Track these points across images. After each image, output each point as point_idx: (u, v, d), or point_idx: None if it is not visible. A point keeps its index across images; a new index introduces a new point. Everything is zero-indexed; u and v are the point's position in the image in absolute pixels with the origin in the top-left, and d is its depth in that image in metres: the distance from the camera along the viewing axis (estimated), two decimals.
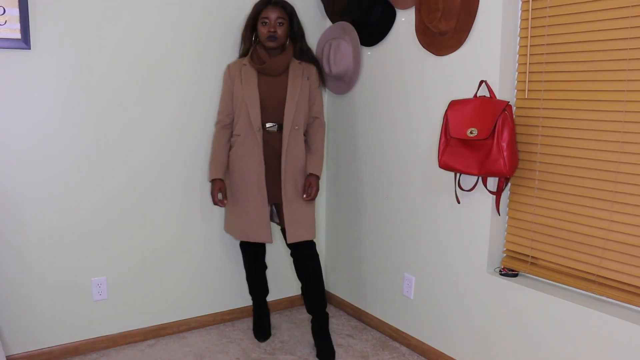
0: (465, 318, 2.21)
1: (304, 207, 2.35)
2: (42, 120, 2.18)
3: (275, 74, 2.32)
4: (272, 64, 2.30)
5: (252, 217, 2.33)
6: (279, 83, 2.32)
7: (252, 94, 2.30)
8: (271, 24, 2.26)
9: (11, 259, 2.19)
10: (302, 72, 2.35)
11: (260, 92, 2.31)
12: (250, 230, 2.35)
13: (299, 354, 2.45)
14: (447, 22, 2.08)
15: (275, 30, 2.26)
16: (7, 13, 2.02)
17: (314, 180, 2.35)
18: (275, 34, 2.26)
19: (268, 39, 2.27)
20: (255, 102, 2.30)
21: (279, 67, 2.31)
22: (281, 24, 2.28)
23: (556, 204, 1.90)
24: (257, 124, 2.29)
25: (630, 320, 1.64)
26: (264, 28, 2.27)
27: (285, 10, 2.29)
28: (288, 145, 2.31)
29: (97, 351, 2.42)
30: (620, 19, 1.66)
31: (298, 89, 2.31)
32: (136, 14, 2.31)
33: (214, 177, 2.36)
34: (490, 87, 1.99)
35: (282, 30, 2.28)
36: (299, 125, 2.33)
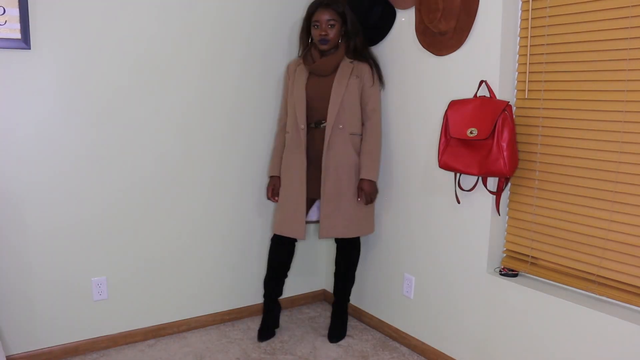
0: (465, 318, 2.21)
1: (344, 205, 2.36)
2: (42, 120, 2.17)
3: (324, 74, 2.35)
4: (321, 64, 2.34)
5: (289, 212, 2.39)
6: (327, 83, 2.34)
7: (300, 93, 2.36)
8: (322, 27, 2.28)
9: (11, 258, 2.19)
10: (351, 71, 2.32)
11: (309, 91, 2.36)
12: (284, 224, 2.40)
13: (299, 353, 2.45)
14: (447, 22, 2.08)
15: (327, 33, 2.28)
16: (7, 13, 2.02)
17: (366, 184, 2.35)
18: (327, 37, 2.29)
19: (320, 43, 2.31)
20: (302, 101, 2.35)
21: (327, 68, 2.33)
22: (332, 25, 2.29)
23: (556, 204, 1.90)
24: (301, 123, 2.35)
25: (630, 320, 1.64)
26: (316, 31, 2.31)
27: (336, 11, 2.29)
28: (329, 143, 2.32)
29: (97, 351, 2.42)
30: (620, 19, 1.66)
31: (343, 88, 2.31)
32: (137, 13, 2.31)
33: (271, 174, 2.52)
34: (490, 87, 1.99)
35: (333, 32, 2.29)
36: (343, 124, 2.32)
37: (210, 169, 2.60)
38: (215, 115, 2.57)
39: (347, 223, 2.38)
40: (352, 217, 2.38)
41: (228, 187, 2.66)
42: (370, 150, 2.37)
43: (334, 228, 2.37)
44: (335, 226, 2.37)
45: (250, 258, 2.79)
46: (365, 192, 2.35)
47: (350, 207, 2.37)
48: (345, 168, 2.35)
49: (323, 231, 2.36)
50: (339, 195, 2.36)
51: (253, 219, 2.76)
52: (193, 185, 2.57)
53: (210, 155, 2.59)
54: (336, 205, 2.36)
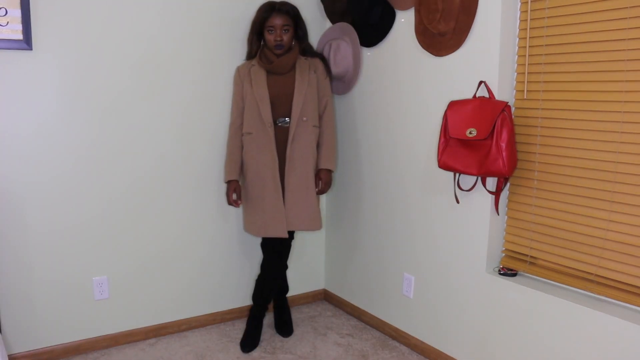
0: (464, 317, 2.22)
1: (311, 197, 2.39)
2: (44, 120, 2.18)
3: (283, 72, 2.38)
4: (280, 63, 2.35)
5: (269, 212, 2.36)
6: (287, 80, 2.38)
7: (262, 92, 2.35)
8: (277, 33, 2.31)
9: (13, 258, 2.20)
10: (308, 67, 2.41)
11: (270, 90, 2.36)
12: (268, 226, 2.37)
13: (299, 353, 2.46)
14: (447, 23, 2.09)
15: (282, 38, 2.31)
16: (9, 14, 2.03)
17: (324, 174, 2.44)
18: (282, 42, 2.32)
19: (276, 48, 2.33)
20: (266, 99, 2.35)
21: (286, 66, 2.37)
22: (287, 30, 2.33)
23: (555, 203, 1.91)
24: (268, 120, 2.34)
25: (629, 320, 1.65)
26: (271, 36, 2.33)
27: (289, 15, 2.33)
28: (294, 137, 2.35)
29: (98, 350, 2.43)
30: (619, 19, 1.67)
31: (306, 84, 2.38)
32: (139, 14, 2.32)
33: (230, 179, 2.42)
34: (489, 88, 2.00)
35: (287, 36, 2.34)
36: (307, 117, 2.37)
37: (211, 168, 2.61)
38: (213, 116, 2.58)
39: (314, 216, 2.40)
40: (316, 210, 2.42)
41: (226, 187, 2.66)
42: (328, 140, 2.45)
43: (301, 221, 2.38)
44: (301, 219, 2.38)
45: (251, 258, 2.80)
46: (323, 182, 2.43)
47: (315, 200, 2.42)
48: (310, 160, 2.40)
49: (290, 224, 2.36)
50: (306, 188, 2.38)
51: None
52: (194, 184, 2.57)
53: (211, 155, 2.60)
54: (302, 197, 2.38)
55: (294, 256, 2.93)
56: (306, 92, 2.37)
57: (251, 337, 2.50)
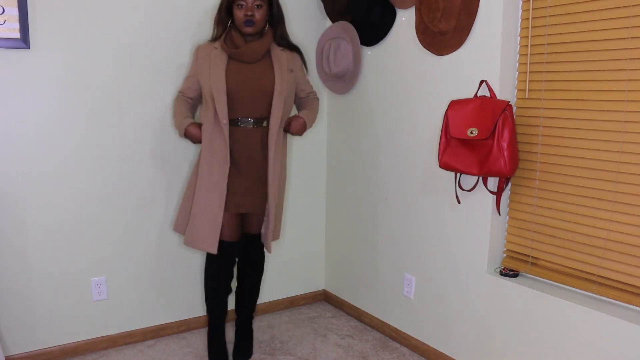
0: (465, 318, 2.21)
1: (279, 213, 2.28)
2: (41, 119, 2.17)
3: (250, 60, 2.09)
4: (248, 49, 2.07)
5: (204, 223, 2.09)
6: (255, 71, 2.09)
7: (219, 83, 2.04)
8: (248, 7, 2.04)
9: (11, 259, 2.18)
10: (287, 63, 2.15)
11: (231, 80, 2.07)
12: (195, 237, 2.12)
13: (299, 354, 2.45)
14: (448, 22, 2.08)
15: (253, 14, 2.04)
16: (6, 12, 2.01)
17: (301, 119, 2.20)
18: (253, 18, 2.04)
19: (245, 24, 2.05)
20: (222, 92, 2.04)
21: (255, 53, 2.08)
22: (259, 6, 2.06)
23: (557, 204, 1.90)
24: (224, 117, 2.04)
25: (631, 321, 1.64)
26: (240, 11, 2.05)
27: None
28: (276, 146, 2.12)
29: (96, 351, 2.41)
30: (621, 18, 1.66)
31: (285, 83, 2.11)
32: (136, 13, 2.30)
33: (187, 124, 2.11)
34: (490, 87, 1.99)
35: (260, 14, 2.06)
36: (281, 124, 2.16)
37: None
38: None
39: (278, 226, 2.28)
40: (278, 219, 2.28)
41: None
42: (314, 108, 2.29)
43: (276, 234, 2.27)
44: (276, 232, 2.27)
45: None
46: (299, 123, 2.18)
47: (280, 214, 2.30)
48: (281, 174, 2.22)
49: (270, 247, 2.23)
50: (277, 206, 2.23)
51: None
52: None
53: None
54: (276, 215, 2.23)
55: (295, 256, 2.92)
56: (286, 94, 2.12)
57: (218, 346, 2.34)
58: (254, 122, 2.11)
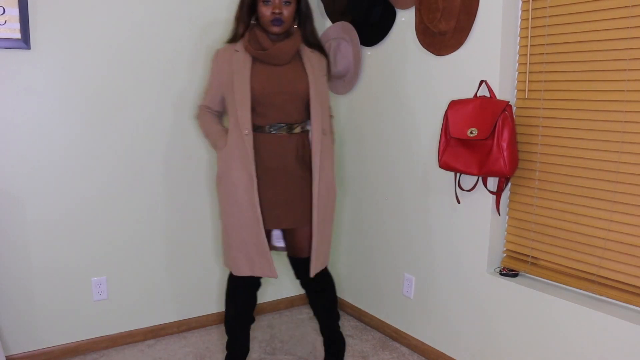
0: (465, 318, 2.21)
1: (327, 230, 1.99)
2: (42, 119, 2.17)
3: (279, 63, 1.90)
4: (277, 50, 1.87)
5: (251, 245, 1.89)
6: (286, 74, 1.90)
7: (243, 88, 1.85)
8: (275, 4, 1.83)
9: (11, 258, 2.19)
10: (319, 65, 1.98)
11: (258, 84, 1.88)
12: (253, 263, 1.91)
13: (299, 354, 2.45)
14: (447, 22, 2.08)
15: (281, 12, 1.83)
16: (7, 13, 2.02)
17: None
18: (282, 17, 1.83)
19: (273, 23, 1.84)
20: (246, 99, 1.85)
21: (285, 55, 1.89)
22: (288, 3, 1.85)
23: (556, 204, 1.90)
24: (246, 129, 1.84)
25: (630, 320, 1.64)
26: (267, 9, 1.83)
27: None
28: (321, 154, 1.91)
29: (97, 351, 2.42)
30: (620, 18, 1.66)
31: (320, 85, 1.94)
32: (137, 14, 2.31)
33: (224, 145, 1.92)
34: (490, 87, 1.99)
35: (288, 11, 1.85)
36: (326, 130, 1.94)
37: (211, 168, 2.60)
38: None
39: (327, 249, 2.02)
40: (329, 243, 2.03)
41: None
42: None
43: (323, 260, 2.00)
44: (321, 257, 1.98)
45: None
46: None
47: (329, 232, 2.00)
48: (331, 185, 1.99)
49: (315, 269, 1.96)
50: (324, 221, 1.97)
51: None
52: (194, 184, 2.56)
53: (210, 157, 2.59)
54: (322, 232, 1.96)
55: None
56: (322, 96, 1.93)
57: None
58: (287, 128, 1.92)
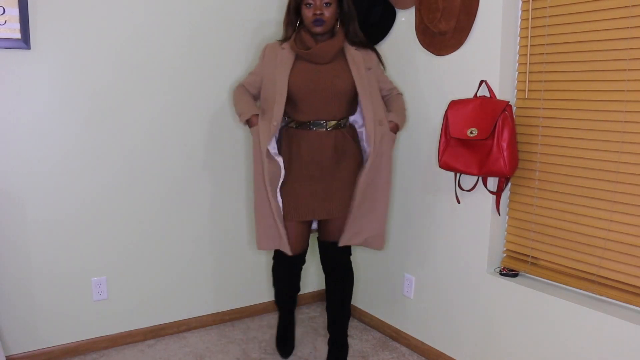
0: (465, 318, 2.21)
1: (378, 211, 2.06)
2: (41, 119, 2.17)
3: (321, 61, 2.00)
4: (321, 49, 1.97)
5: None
6: (328, 72, 2.00)
7: (282, 84, 1.97)
8: (317, 6, 1.94)
9: (11, 258, 2.19)
10: (363, 62, 2.04)
11: (299, 81, 1.99)
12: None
13: (299, 354, 2.45)
14: (447, 22, 2.08)
15: (322, 12, 1.94)
16: (6, 13, 2.02)
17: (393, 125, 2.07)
18: (322, 17, 1.94)
19: (314, 24, 1.95)
20: (283, 94, 1.97)
21: (326, 54, 1.99)
22: (328, 4, 1.95)
23: (556, 204, 1.90)
24: (275, 120, 1.97)
25: (630, 320, 1.64)
26: (309, 11, 1.95)
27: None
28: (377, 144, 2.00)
29: (97, 351, 2.42)
30: (620, 19, 1.66)
31: (366, 82, 2.02)
32: (137, 13, 2.31)
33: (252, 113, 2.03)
34: (490, 87, 1.99)
35: (329, 12, 1.96)
36: (382, 119, 2.03)
37: (209, 168, 2.60)
38: (212, 113, 2.57)
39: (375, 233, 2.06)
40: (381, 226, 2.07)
41: (227, 188, 2.65)
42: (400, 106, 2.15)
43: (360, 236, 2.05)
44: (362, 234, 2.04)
45: (250, 257, 2.79)
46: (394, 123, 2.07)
47: (381, 215, 2.05)
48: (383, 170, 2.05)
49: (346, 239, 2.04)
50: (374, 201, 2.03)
51: (252, 219, 2.76)
52: (194, 185, 2.56)
53: (210, 155, 2.59)
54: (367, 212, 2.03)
55: None
56: (370, 91, 2.02)
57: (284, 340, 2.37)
58: (326, 124, 2.02)
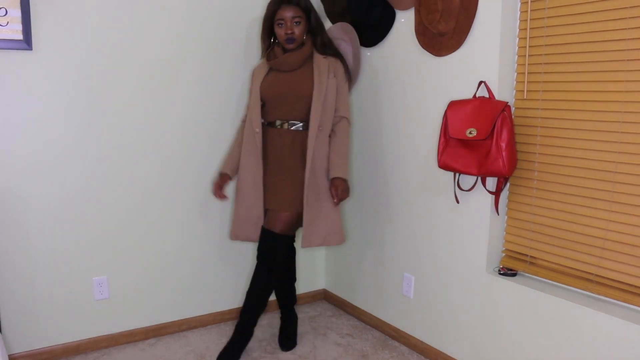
0: (464, 317, 2.22)
1: (325, 211, 2.24)
2: (44, 121, 2.18)
3: (287, 69, 2.24)
4: (286, 59, 2.23)
5: (242, 215, 2.30)
6: (296, 79, 2.22)
7: (255, 92, 2.26)
8: (287, 25, 2.19)
9: (12, 258, 2.20)
10: (327, 68, 2.23)
11: (267, 87, 2.24)
12: (239, 229, 2.32)
13: (298, 353, 2.46)
14: (446, 23, 2.09)
15: (293, 31, 2.19)
16: (9, 14, 2.03)
17: (340, 182, 2.22)
18: (293, 35, 2.19)
19: (286, 42, 2.21)
20: (257, 101, 2.24)
21: (292, 62, 2.23)
22: (298, 23, 2.20)
23: (555, 203, 1.91)
24: (257, 127, 2.24)
25: (629, 320, 1.65)
26: (281, 30, 2.21)
27: (299, 7, 2.20)
28: (315, 147, 2.20)
29: (98, 350, 2.43)
30: (620, 19, 1.67)
31: (324, 87, 2.20)
32: (138, 14, 2.31)
33: (221, 171, 2.41)
34: (489, 88, 2.00)
35: (299, 29, 2.20)
36: (323, 126, 2.22)
37: (211, 169, 2.61)
38: (214, 117, 2.58)
39: (330, 231, 2.25)
40: (334, 224, 2.26)
41: (229, 187, 2.66)
42: (344, 149, 2.26)
43: (317, 237, 2.23)
44: (318, 234, 2.23)
45: (250, 257, 2.80)
46: (341, 189, 2.20)
47: (330, 214, 2.25)
48: (323, 172, 2.24)
49: (306, 241, 2.21)
50: (318, 202, 2.23)
51: None
52: (193, 185, 2.57)
53: (209, 156, 2.60)
54: (316, 213, 2.22)
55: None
56: (325, 97, 2.20)
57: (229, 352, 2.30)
58: (288, 124, 2.24)
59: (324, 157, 2.24)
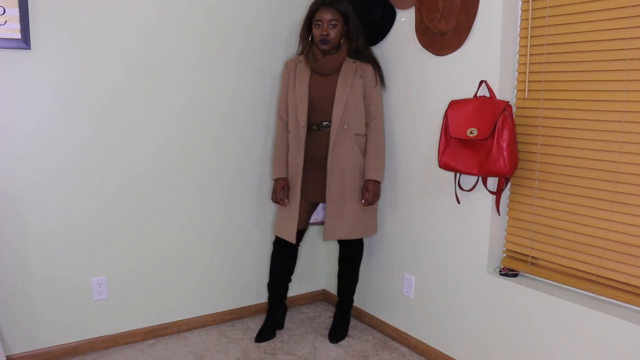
0: (465, 318, 2.21)
1: (349, 206, 2.35)
2: (42, 120, 2.18)
3: (326, 73, 2.33)
4: (324, 63, 2.31)
5: (284, 213, 2.42)
6: (331, 82, 2.32)
7: (302, 92, 2.33)
8: (324, 27, 2.26)
9: (11, 258, 2.19)
10: (354, 71, 2.31)
11: (311, 90, 2.33)
12: (279, 226, 2.44)
13: (299, 353, 2.45)
14: (447, 22, 2.08)
15: (328, 33, 2.26)
16: (7, 13, 2.02)
17: (371, 185, 2.33)
18: (328, 37, 2.27)
19: (321, 42, 2.28)
20: (304, 101, 2.32)
21: (330, 67, 2.32)
22: (334, 25, 2.27)
23: (556, 204, 1.90)
24: (302, 122, 2.32)
25: (630, 320, 1.64)
26: (317, 30, 2.28)
27: (338, 11, 2.27)
28: (334, 144, 2.30)
29: (97, 351, 2.42)
30: (620, 19, 1.66)
31: (348, 88, 2.29)
32: (137, 13, 2.31)
33: (277, 177, 2.42)
34: (490, 87, 1.99)
35: (334, 32, 2.28)
36: (348, 125, 2.30)
37: (209, 169, 2.60)
38: (213, 115, 2.57)
39: (352, 224, 2.36)
40: (357, 219, 2.37)
41: (227, 187, 2.66)
42: (376, 150, 2.36)
43: (339, 230, 2.35)
44: (339, 228, 2.35)
45: (250, 258, 2.80)
46: (370, 193, 2.33)
47: (354, 209, 2.36)
48: (349, 169, 2.33)
49: (327, 233, 2.35)
50: (343, 197, 2.34)
51: (252, 219, 2.77)
52: (192, 185, 2.57)
53: (208, 155, 2.59)
54: (340, 207, 2.34)
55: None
56: (348, 97, 2.29)
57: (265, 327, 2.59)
58: (325, 125, 2.35)
59: (350, 155, 2.33)
